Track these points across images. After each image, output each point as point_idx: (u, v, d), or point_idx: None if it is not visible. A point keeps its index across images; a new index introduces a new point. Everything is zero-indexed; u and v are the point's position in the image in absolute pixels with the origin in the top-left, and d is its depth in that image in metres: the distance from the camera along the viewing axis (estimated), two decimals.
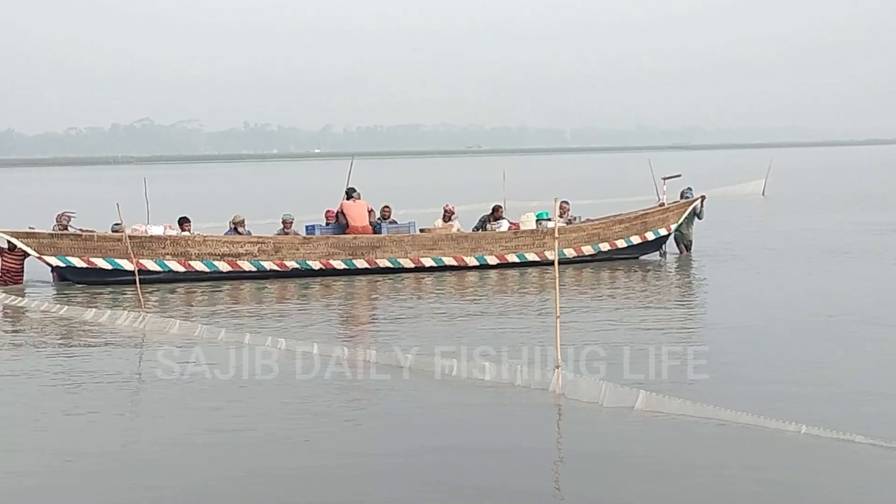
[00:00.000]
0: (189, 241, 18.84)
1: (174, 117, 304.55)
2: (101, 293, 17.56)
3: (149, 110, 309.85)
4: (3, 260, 18.58)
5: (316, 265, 19.34)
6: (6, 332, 14.78)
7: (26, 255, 18.48)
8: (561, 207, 21.77)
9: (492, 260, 20.45)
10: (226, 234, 19.62)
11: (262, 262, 19.09)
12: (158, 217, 21.45)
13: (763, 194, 44.72)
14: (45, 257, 18.28)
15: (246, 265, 19.01)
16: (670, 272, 20.85)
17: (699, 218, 23.08)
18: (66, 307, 15.89)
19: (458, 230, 21.06)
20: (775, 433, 8.57)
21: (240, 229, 19.59)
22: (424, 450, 8.53)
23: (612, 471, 7.98)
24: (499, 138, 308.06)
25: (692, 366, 11.30)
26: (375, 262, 19.67)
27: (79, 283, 18.40)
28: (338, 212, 20.28)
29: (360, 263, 19.59)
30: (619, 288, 18.59)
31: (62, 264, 18.35)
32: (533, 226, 21.01)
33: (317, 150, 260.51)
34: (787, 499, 7.36)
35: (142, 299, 16.00)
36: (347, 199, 20.25)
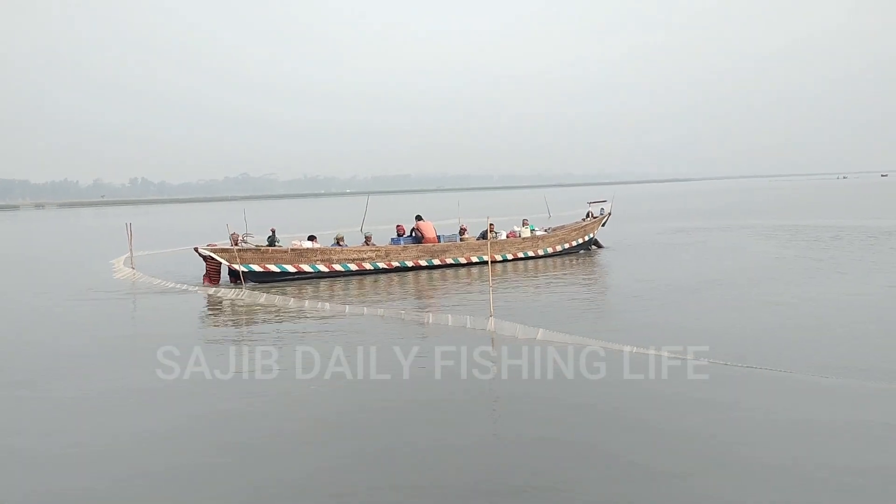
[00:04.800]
0: (332, 252, 17.25)
1: (263, 171, 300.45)
2: (271, 288, 15.83)
3: (246, 167, 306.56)
4: (207, 265, 16.98)
5: (410, 264, 17.95)
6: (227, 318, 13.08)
7: (221, 263, 16.86)
8: (524, 223, 21.24)
9: (509, 256, 19.51)
10: (331, 245, 17.78)
11: (378, 263, 17.63)
12: (256, 230, 20.32)
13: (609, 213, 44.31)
14: (233, 265, 16.65)
15: (367, 265, 17.52)
16: (593, 259, 19.90)
17: (603, 226, 23.28)
18: (280, 296, 14.03)
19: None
20: (617, 353, 8.57)
21: (341, 243, 17.89)
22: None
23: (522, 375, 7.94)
24: (425, 180, 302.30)
25: (583, 313, 11.40)
26: (445, 260, 18.34)
27: (256, 283, 16.74)
28: (414, 228, 18.79)
29: (436, 262, 18.23)
30: (568, 270, 17.63)
31: (245, 269, 16.74)
32: (528, 234, 20.39)
33: (348, 191, 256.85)
34: (615, 390, 7.34)
35: (244, 286, 15.31)
36: (419, 220, 18.94)
